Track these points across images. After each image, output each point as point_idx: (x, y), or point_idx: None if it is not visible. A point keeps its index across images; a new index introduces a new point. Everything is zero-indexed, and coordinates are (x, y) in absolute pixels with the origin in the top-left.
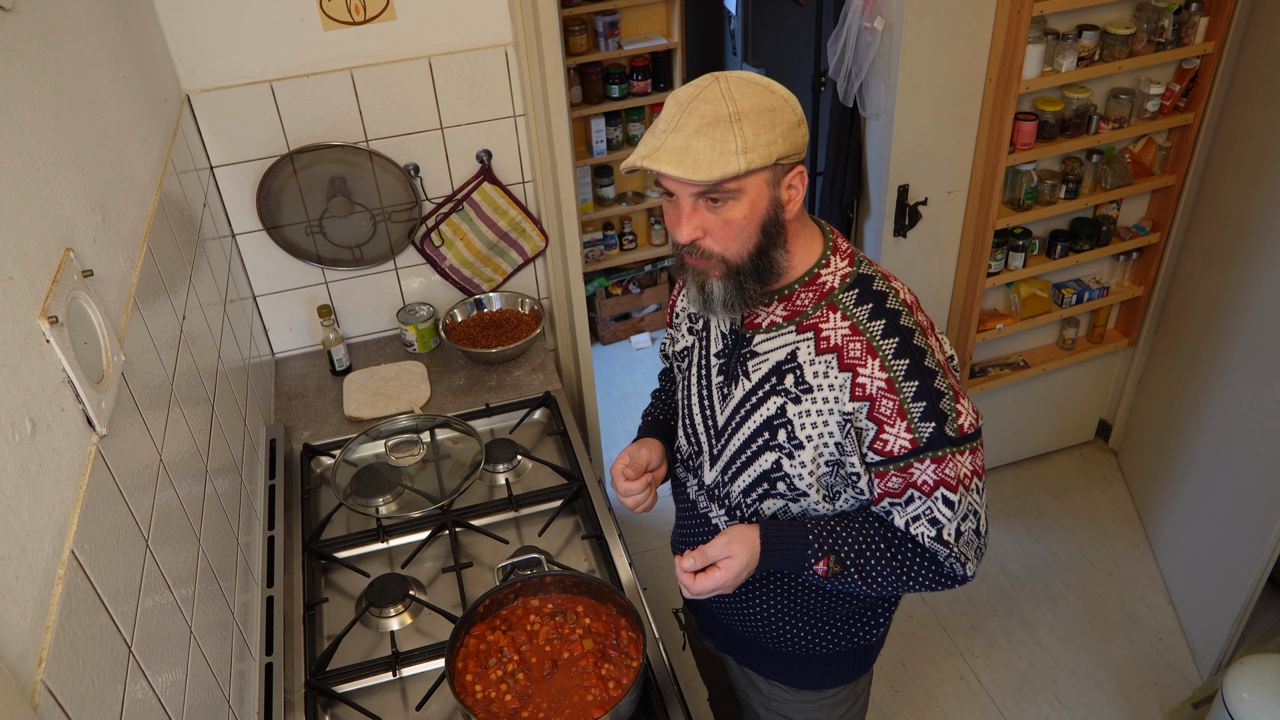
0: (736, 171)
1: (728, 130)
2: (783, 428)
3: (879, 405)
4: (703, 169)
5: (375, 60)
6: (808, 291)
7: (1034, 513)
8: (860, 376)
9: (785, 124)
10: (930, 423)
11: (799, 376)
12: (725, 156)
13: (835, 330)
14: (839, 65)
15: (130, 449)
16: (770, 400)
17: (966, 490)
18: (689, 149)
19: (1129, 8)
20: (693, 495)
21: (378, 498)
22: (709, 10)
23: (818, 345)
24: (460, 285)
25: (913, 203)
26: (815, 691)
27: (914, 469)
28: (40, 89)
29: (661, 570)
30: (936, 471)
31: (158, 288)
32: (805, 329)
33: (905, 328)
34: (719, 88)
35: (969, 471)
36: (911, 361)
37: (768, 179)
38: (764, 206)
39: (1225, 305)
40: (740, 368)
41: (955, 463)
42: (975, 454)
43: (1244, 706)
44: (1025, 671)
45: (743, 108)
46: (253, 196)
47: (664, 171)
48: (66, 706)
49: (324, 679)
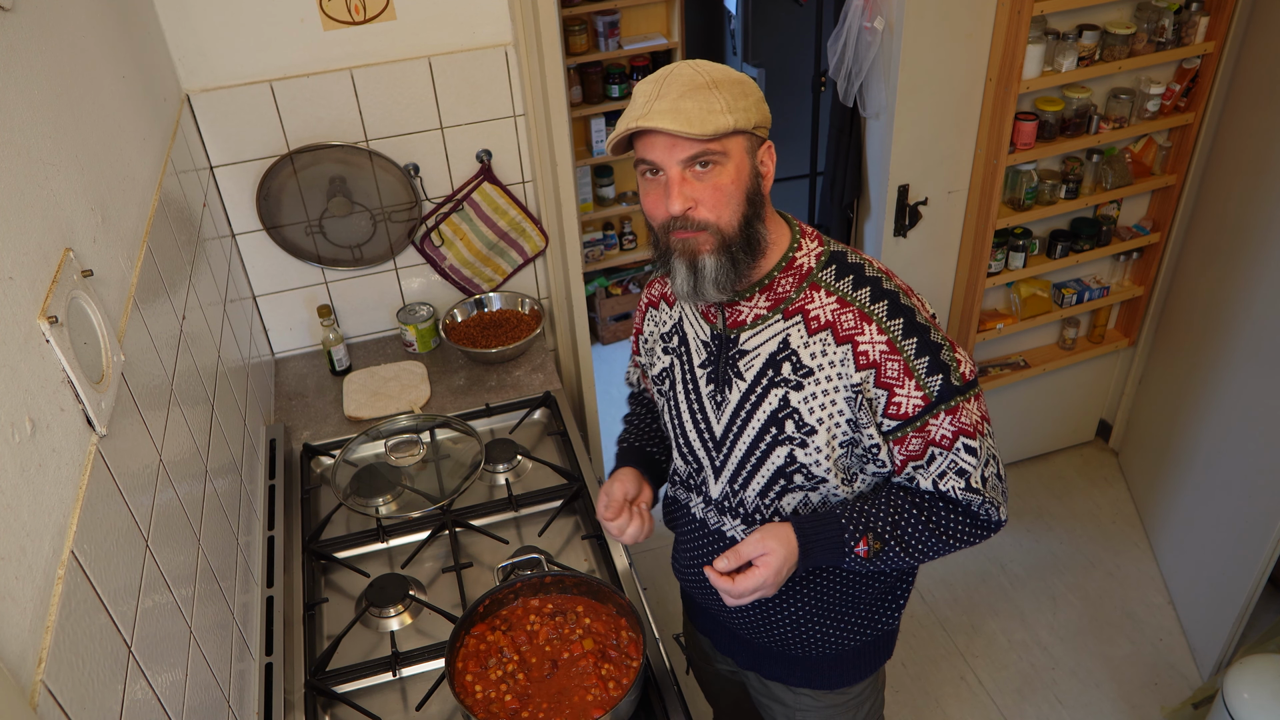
0: (728, 128)
1: (709, 93)
2: (789, 418)
3: (885, 369)
4: (696, 124)
5: (375, 60)
6: (787, 276)
7: (1034, 513)
8: (860, 345)
9: (754, 95)
10: (938, 375)
11: (796, 362)
12: (714, 114)
13: (823, 308)
14: (839, 65)
15: (130, 449)
16: (770, 394)
17: (982, 435)
18: (679, 109)
19: (1129, 8)
20: (699, 514)
21: (378, 498)
22: (709, 10)
23: (808, 326)
24: (460, 285)
25: (913, 203)
26: (841, 692)
27: (930, 425)
28: (40, 89)
29: (662, 570)
30: (953, 423)
31: (157, 288)
32: (792, 313)
33: (890, 290)
34: (688, 66)
35: (979, 417)
36: (905, 320)
37: (747, 146)
38: (747, 172)
39: (1225, 305)
40: (730, 370)
41: (966, 410)
42: (979, 399)
43: (1244, 706)
44: (1025, 671)
45: (716, 78)
46: (253, 196)
47: (661, 127)
48: (66, 707)
49: (324, 679)
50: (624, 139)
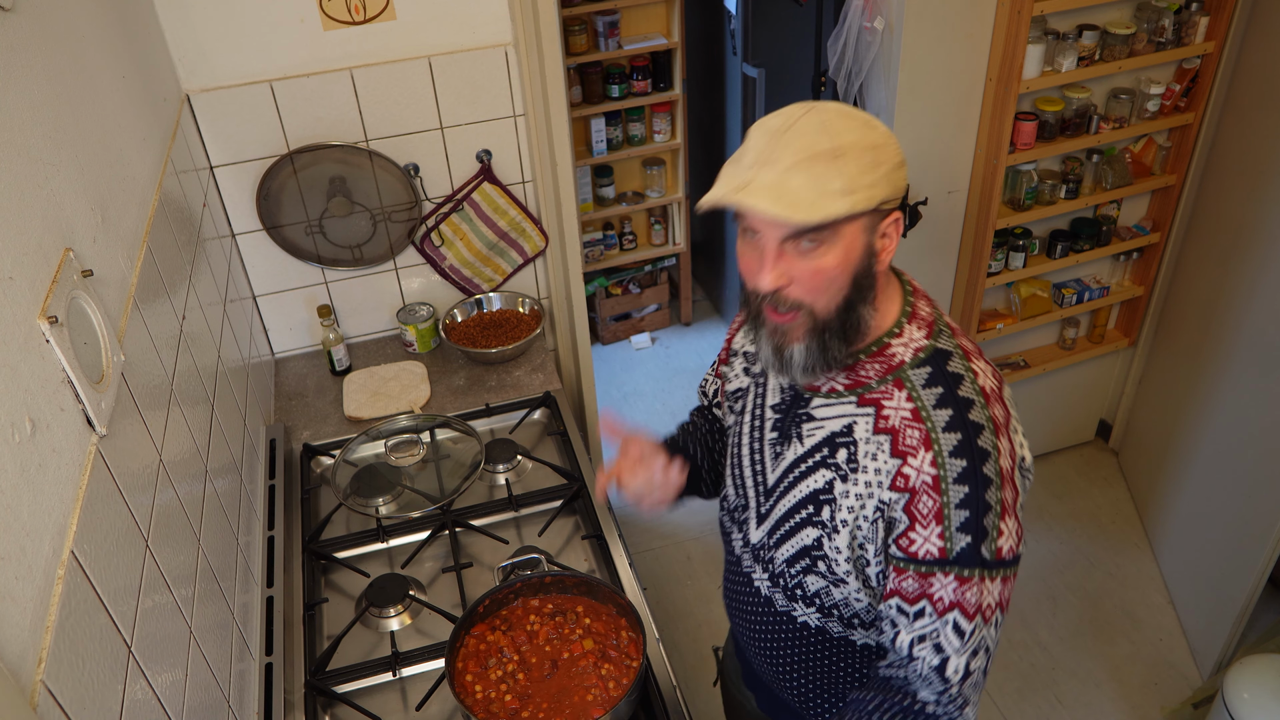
0: (840, 215)
1: (829, 166)
2: (828, 504)
3: (918, 501)
4: (802, 209)
5: (375, 60)
6: (875, 362)
7: (1034, 513)
8: (907, 466)
9: (889, 164)
10: (967, 535)
11: (851, 453)
12: (827, 197)
13: (897, 411)
14: (839, 65)
15: (130, 449)
16: (819, 472)
17: (985, 622)
18: (785, 186)
19: (1129, 8)
20: (738, 551)
21: (378, 498)
22: (709, 10)
23: (876, 424)
24: (460, 285)
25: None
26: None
27: (934, 579)
28: (40, 89)
29: (662, 570)
30: (957, 591)
31: (157, 288)
32: (866, 403)
33: (973, 422)
34: (816, 119)
35: (993, 602)
36: (968, 464)
37: (865, 224)
38: (858, 255)
39: (1225, 305)
40: (795, 429)
41: (980, 588)
42: (1006, 583)
43: (1244, 706)
44: (1025, 671)
45: (845, 143)
46: (253, 196)
47: (757, 209)
48: (66, 707)
49: (324, 679)
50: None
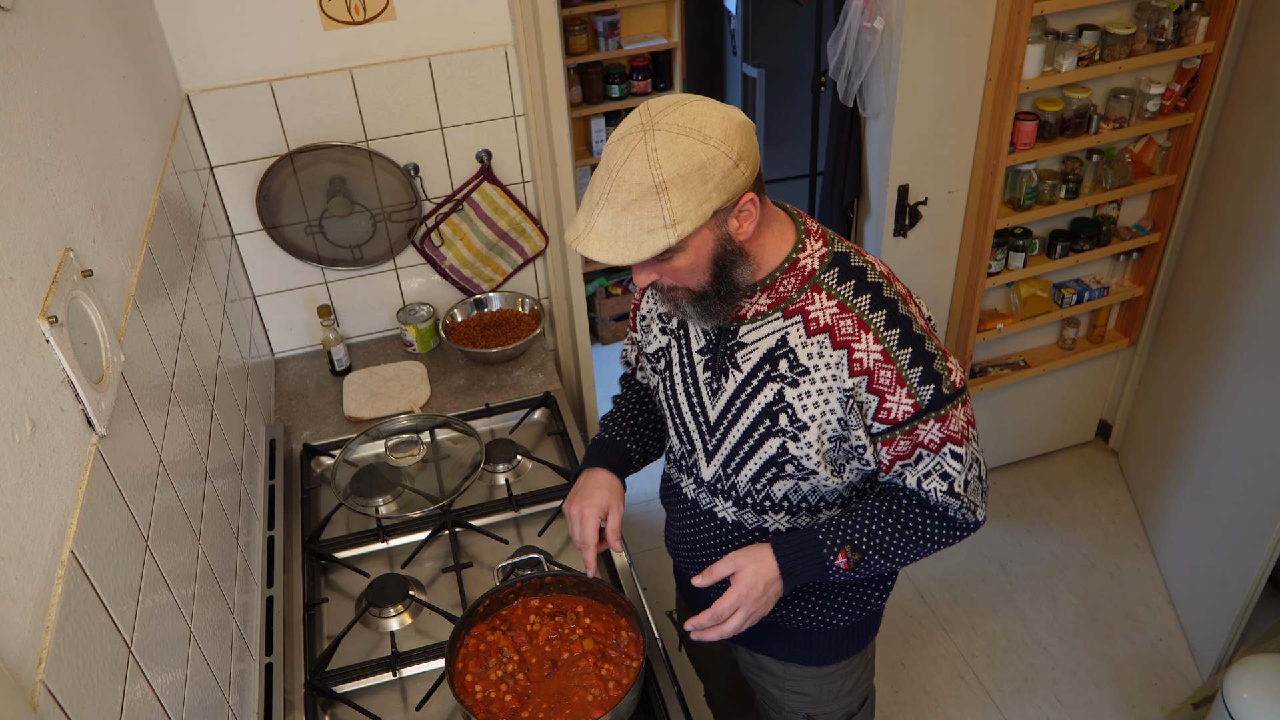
0: (665, 247)
1: (655, 203)
2: (783, 412)
3: (877, 377)
4: (632, 251)
5: (375, 60)
6: (789, 278)
7: (1034, 513)
8: (856, 352)
9: (718, 175)
10: (929, 385)
11: (793, 360)
12: (654, 234)
13: (823, 310)
14: (839, 65)
15: (130, 449)
16: (766, 387)
17: (968, 441)
18: (616, 232)
19: (1129, 8)
20: (690, 494)
21: (378, 498)
22: (709, 10)
23: (807, 327)
24: (460, 285)
25: (913, 203)
26: (832, 665)
27: (919, 430)
28: (40, 89)
29: (662, 570)
30: (941, 429)
31: (157, 288)
32: (792, 313)
33: (889, 299)
34: (645, 149)
35: (965, 423)
36: (902, 330)
37: (709, 226)
38: (710, 249)
39: (1225, 305)
40: (728, 360)
41: (955, 417)
42: (966, 405)
43: (1244, 707)
44: (1025, 671)
45: (668, 175)
46: (253, 196)
47: (596, 258)
48: (66, 707)
49: (324, 679)
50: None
